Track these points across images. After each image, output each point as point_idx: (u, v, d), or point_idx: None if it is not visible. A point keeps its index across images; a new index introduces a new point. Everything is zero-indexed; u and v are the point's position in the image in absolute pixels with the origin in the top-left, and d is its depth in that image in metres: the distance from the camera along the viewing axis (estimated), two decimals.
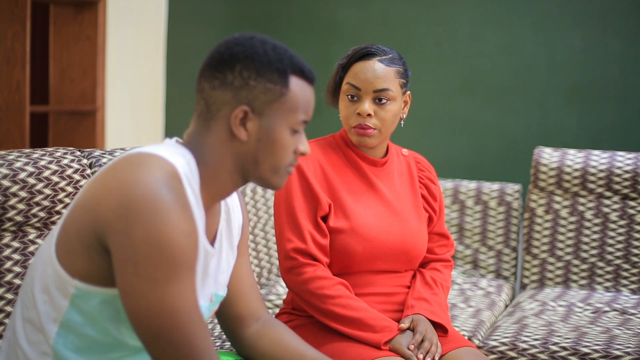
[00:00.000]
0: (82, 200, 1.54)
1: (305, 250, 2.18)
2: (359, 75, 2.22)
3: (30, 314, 1.58)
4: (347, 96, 2.24)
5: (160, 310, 1.47)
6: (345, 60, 2.26)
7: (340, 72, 2.27)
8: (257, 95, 1.57)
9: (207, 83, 1.59)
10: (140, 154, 1.54)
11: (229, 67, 1.57)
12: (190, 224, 1.50)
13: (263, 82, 1.57)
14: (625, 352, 2.58)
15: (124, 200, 1.46)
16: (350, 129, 2.24)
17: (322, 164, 2.25)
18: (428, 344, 2.14)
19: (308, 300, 2.19)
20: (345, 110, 2.25)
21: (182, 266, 1.48)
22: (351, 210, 2.22)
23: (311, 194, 2.21)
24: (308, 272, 2.17)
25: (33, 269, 1.60)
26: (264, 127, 1.58)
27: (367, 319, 2.16)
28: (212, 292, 1.71)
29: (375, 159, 2.30)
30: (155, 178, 1.48)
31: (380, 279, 2.27)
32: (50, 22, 4.25)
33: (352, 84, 2.23)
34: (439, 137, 4.57)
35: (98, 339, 1.56)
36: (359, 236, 2.21)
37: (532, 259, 3.38)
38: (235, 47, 1.58)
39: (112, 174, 1.52)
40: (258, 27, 4.76)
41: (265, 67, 1.57)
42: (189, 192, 1.53)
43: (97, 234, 1.50)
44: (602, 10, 4.38)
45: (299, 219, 2.19)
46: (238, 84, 1.57)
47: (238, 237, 1.80)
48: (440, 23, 4.60)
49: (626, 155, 3.33)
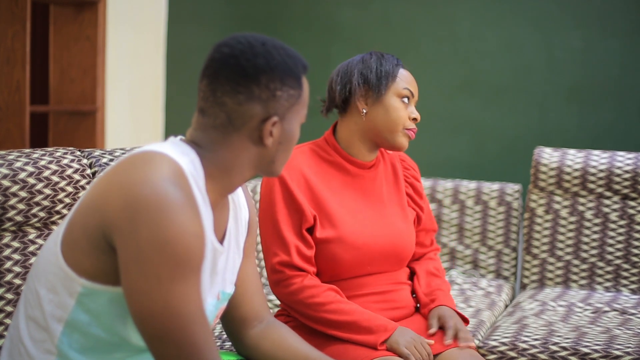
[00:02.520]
0: (88, 199, 1.54)
1: (290, 262, 2.17)
2: (411, 82, 2.29)
3: (34, 313, 1.58)
4: (402, 99, 2.26)
5: (164, 310, 1.47)
6: (393, 63, 2.28)
7: (392, 75, 2.26)
8: (282, 103, 1.60)
9: (228, 98, 1.58)
10: (146, 152, 1.54)
11: (254, 80, 1.57)
12: (197, 224, 1.50)
13: (287, 89, 1.60)
14: (625, 352, 2.58)
15: (130, 199, 1.46)
16: (402, 131, 2.25)
17: (306, 174, 2.23)
18: (464, 333, 2.20)
19: (300, 310, 2.19)
20: (399, 112, 2.24)
21: (187, 266, 1.48)
22: (337, 219, 2.21)
23: (295, 206, 2.19)
24: (296, 283, 2.17)
25: (37, 268, 1.60)
26: (286, 130, 1.62)
27: (360, 321, 2.16)
28: (219, 289, 1.71)
29: (363, 162, 2.29)
30: (161, 176, 1.48)
31: (372, 279, 2.27)
32: (50, 22, 4.25)
33: (410, 89, 2.27)
34: (439, 137, 4.57)
35: (103, 338, 1.56)
36: (347, 244, 2.21)
37: (532, 259, 3.38)
38: (255, 59, 1.57)
39: (119, 173, 1.52)
40: (258, 27, 4.76)
41: (286, 76, 1.59)
42: (195, 191, 1.54)
43: (104, 233, 1.50)
44: (602, 10, 4.38)
45: (283, 233, 2.18)
46: (265, 96, 1.58)
47: (244, 234, 1.80)
48: (440, 23, 4.60)
49: (626, 155, 3.33)
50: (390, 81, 2.25)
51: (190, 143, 1.61)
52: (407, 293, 2.32)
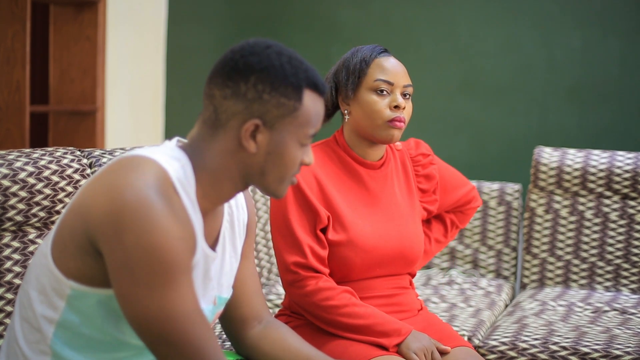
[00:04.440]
0: (75, 203, 1.54)
1: (305, 264, 2.15)
2: (388, 69, 2.21)
3: (27, 314, 1.58)
4: (376, 92, 2.20)
5: (160, 315, 1.47)
6: (365, 57, 2.21)
7: (363, 67, 2.21)
8: (269, 109, 1.54)
9: (218, 90, 1.56)
10: (133, 157, 1.53)
11: (243, 77, 1.54)
12: (182, 228, 1.49)
13: (277, 96, 1.54)
14: (625, 352, 2.58)
15: (113, 205, 1.46)
16: (384, 124, 2.19)
17: (317, 175, 2.21)
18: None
19: (313, 312, 2.17)
20: (375, 106, 2.19)
21: (176, 270, 1.47)
22: (348, 222, 2.20)
23: (309, 206, 2.17)
24: (311, 285, 2.15)
25: (31, 269, 1.60)
26: (275, 140, 1.56)
27: (374, 325, 2.15)
28: (215, 294, 1.70)
29: (372, 162, 2.28)
30: (144, 182, 1.47)
31: (379, 282, 2.26)
32: (50, 22, 4.25)
33: (384, 79, 2.19)
34: (439, 137, 4.57)
35: (96, 338, 1.56)
36: (358, 247, 2.20)
37: (532, 259, 3.38)
38: (250, 56, 1.54)
39: (104, 177, 1.51)
40: (258, 27, 4.76)
41: (280, 82, 1.54)
42: (183, 197, 1.52)
43: (90, 238, 1.50)
44: (602, 10, 4.37)
45: (296, 233, 2.16)
46: (251, 96, 1.54)
47: (242, 237, 1.79)
48: (440, 23, 4.60)
49: (626, 155, 3.33)
50: (361, 76, 2.21)
51: (186, 147, 1.60)
52: (412, 297, 2.32)
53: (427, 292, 3.22)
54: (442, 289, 3.28)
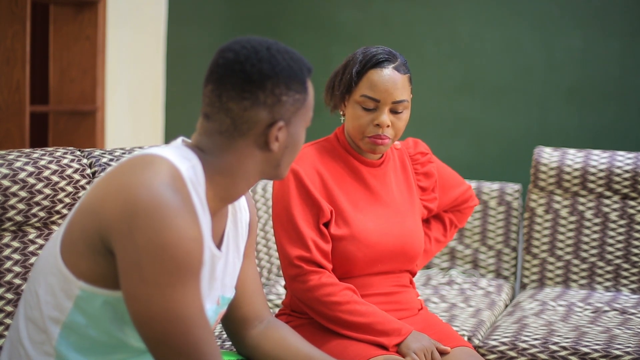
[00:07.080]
0: (87, 202, 1.53)
1: (309, 258, 2.16)
2: (377, 86, 2.16)
3: (33, 314, 1.58)
4: (361, 107, 2.18)
5: (165, 315, 1.47)
6: (359, 67, 2.19)
7: (354, 78, 2.19)
8: (288, 108, 1.59)
9: (234, 103, 1.56)
10: (145, 155, 1.53)
11: (259, 86, 1.56)
12: (195, 228, 1.49)
13: (292, 94, 1.59)
14: (625, 352, 2.58)
15: (128, 203, 1.46)
16: (364, 138, 2.19)
17: (320, 171, 2.22)
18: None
19: (314, 307, 2.18)
20: (358, 120, 2.18)
21: (186, 271, 1.47)
22: (351, 217, 2.21)
23: (312, 201, 2.18)
24: (313, 280, 2.16)
25: (37, 269, 1.60)
26: (291, 133, 1.61)
27: (375, 324, 2.15)
28: (219, 294, 1.71)
29: (372, 160, 2.29)
30: (159, 181, 1.47)
31: (379, 279, 2.27)
32: (50, 22, 4.25)
33: (370, 97, 2.17)
34: (439, 137, 4.57)
35: (101, 340, 1.56)
36: (360, 242, 2.20)
37: (532, 259, 3.38)
38: (260, 64, 1.56)
39: (117, 176, 1.51)
40: (258, 27, 4.76)
41: (291, 80, 1.58)
42: (193, 196, 1.53)
43: (102, 237, 1.49)
44: (602, 10, 4.38)
45: (300, 227, 2.16)
46: (270, 101, 1.57)
47: (245, 237, 1.79)
48: (440, 23, 4.60)
49: (626, 155, 3.33)
50: (350, 89, 2.20)
51: (194, 147, 1.60)
52: (412, 296, 2.33)
53: (427, 292, 3.22)
54: (442, 289, 3.28)
